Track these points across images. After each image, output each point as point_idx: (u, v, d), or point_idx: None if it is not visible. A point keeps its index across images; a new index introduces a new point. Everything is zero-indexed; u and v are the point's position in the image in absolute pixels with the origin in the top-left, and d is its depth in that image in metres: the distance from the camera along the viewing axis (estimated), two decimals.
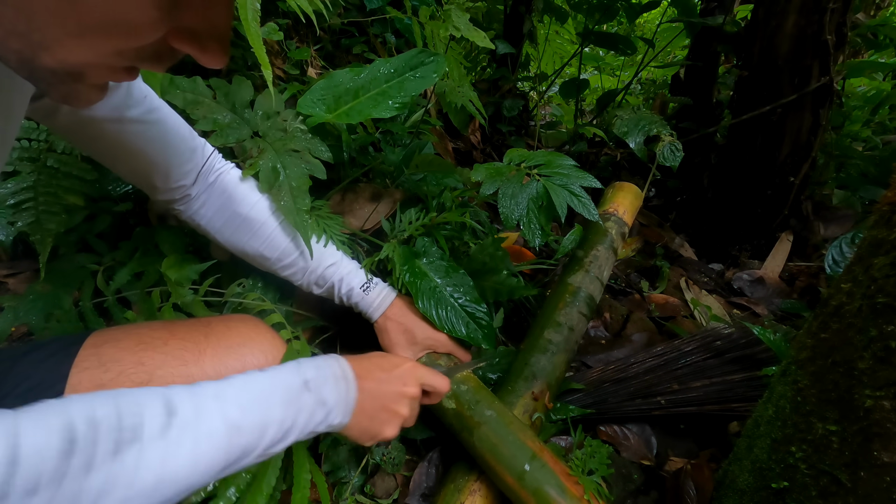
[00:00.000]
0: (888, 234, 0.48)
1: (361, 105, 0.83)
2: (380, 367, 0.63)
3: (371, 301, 0.79)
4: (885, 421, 0.47)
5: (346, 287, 0.78)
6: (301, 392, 0.53)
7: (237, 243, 0.74)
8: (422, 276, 0.82)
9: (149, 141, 0.60)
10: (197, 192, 0.71)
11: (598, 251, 1.07)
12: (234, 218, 0.72)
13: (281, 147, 0.77)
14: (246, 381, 0.50)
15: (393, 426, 0.62)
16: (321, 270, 0.77)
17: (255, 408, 0.48)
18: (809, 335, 0.58)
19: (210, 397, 0.46)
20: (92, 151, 0.61)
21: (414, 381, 0.64)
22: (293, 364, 0.56)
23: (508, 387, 0.83)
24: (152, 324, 0.62)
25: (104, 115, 0.54)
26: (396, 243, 0.86)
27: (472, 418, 0.73)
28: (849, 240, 1.20)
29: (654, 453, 0.89)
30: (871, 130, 1.99)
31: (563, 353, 0.89)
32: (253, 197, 0.73)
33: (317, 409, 0.54)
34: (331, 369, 0.57)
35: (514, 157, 0.90)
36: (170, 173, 0.66)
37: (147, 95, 0.58)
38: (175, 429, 0.41)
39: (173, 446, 0.41)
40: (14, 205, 0.76)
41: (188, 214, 0.72)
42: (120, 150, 0.59)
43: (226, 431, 0.45)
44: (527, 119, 2.33)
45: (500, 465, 0.68)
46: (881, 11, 2.71)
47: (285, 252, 0.75)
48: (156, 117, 0.60)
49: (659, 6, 2.00)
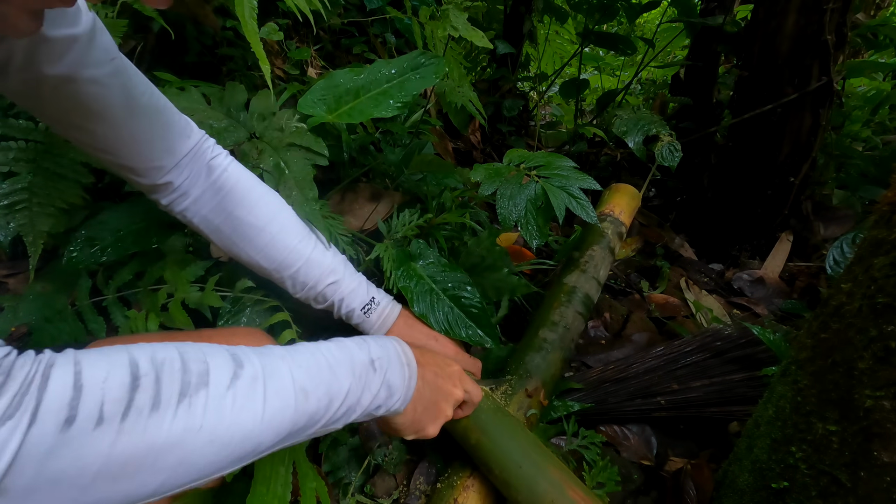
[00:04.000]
0: (888, 234, 0.48)
1: (362, 105, 0.83)
2: (435, 362, 0.62)
3: (372, 323, 0.76)
4: (885, 421, 0.47)
5: (347, 308, 0.75)
6: (368, 369, 0.51)
7: (232, 248, 0.70)
8: (417, 279, 0.81)
9: (111, 107, 0.54)
10: (182, 183, 0.66)
11: (594, 251, 1.08)
12: (231, 220, 0.68)
13: (279, 144, 0.77)
14: (314, 349, 0.49)
15: (437, 424, 0.60)
16: (321, 288, 0.73)
17: (323, 376, 0.47)
18: (809, 335, 0.58)
19: (277, 357, 0.45)
20: (50, 117, 0.56)
21: (461, 385, 0.63)
22: (359, 339, 0.54)
23: (503, 384, 0.83)
24: (150, 336, 0.61)
25: (58, 72, 0.48)
26: (390, 244, 0.86)
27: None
28: (850, 240, 1.20)
29: (654, 453, 0.89)
30: (871, 130, 1.99)
31: (559, 351, 0.89)
32: (252, 197, 0.68)
33: (381, 389, 0.52)
34: (395, 351, 0.56)
35: (513, 157, 0.89)
36: (140, 149, 0.60)
37: (114, 59, 0.52)
38: (244, 380, 0.40)
39: (242, 398, 0.39)
40: (8, 205, 0.75)
41: (178, 210, 0.67)
42: (76, 116, 0.54)
43: (294, 393, 0.43)
44: (527, 119, 2.33)
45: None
46: (881, 11, 2.70)
47: (283, 264, 0.70)
48: (120, 82, 0.54)
49: (659, 6, 2.00)
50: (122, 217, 0.80)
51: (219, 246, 0.71)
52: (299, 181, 0.74)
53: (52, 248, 0.84)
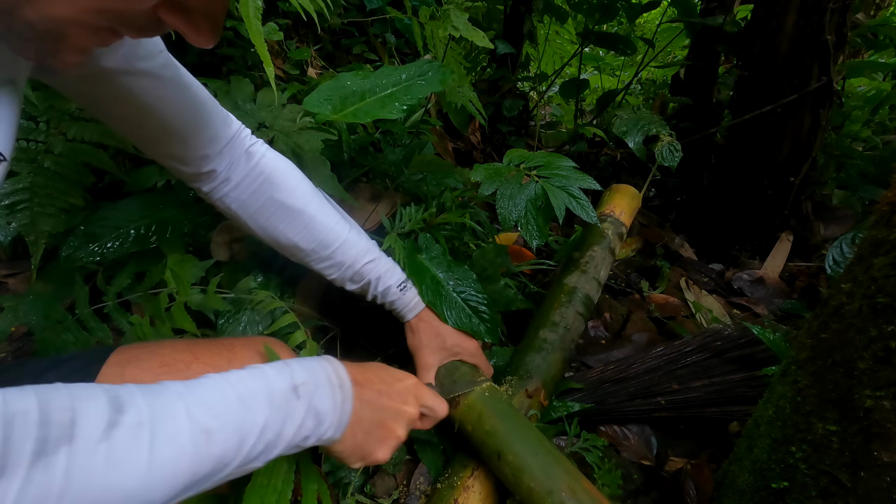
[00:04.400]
0: (888, 234, 0.48)
1: (368, 106, 0.84)
2: (380, 378, 0.57)
3: (408, 301, 0.77)
4: (885, 421, 0.47)
5: (384, 285, 0.76)
6: (289, 397, 0.46)
7: (271, 231, 0.71)
8: (424, 271, 0.82)
9: (163, 99, 0.56)
10: (224, 170, 0.68)
11: (595, 251, 1.08)
12: (270, 204, 0.69)
13: (291, 130, 0.78)
14: (221, 381, 0.44)
15: (387, 447, 0.56)
16: (358, 266, 0.74)
17: (231, 412, 0.42)
18: (809, 335, 0.58)
19: (173, 395, 0.40)
20: (103, 111, 0.57)
21: (414, 400, 0.59)
22: (280, 364, 0.50)
23: (503, 385, 0.84)
24: (176, 343, 0.60)
25: (113, 65, 0.50)
26: (396, 237, 0.86)
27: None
28: (850, 240, 1.20)
29: (654, 453, 0.89)
30: (871, 130, 1.99)
31: (559, 352, 0.89)
32: (290, 181, 0.70)
33: (307, 418, 0.47)
34: (324, 373, 0.51)
35: (513, 157, 0.90)
36: (188, 140, 0.62)
37: (162, 51, 0.54)
38: (123, 428, 0.35)
39: (119, 450, 0.34)
40: (9, 205, 0.76)
41: (219, 196, 0.69)
42: (131, 108, 0.55)
43: (192, 436, 0.38)
44: (527, 119, 2.33)
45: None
46: (881, 11, 2.71)
47: (322, 244, 0.71)
48: (171, 74, 0.56)
49: (659, 6, 2.00)
50: (122, 215, 0.81)
51: (254, 228, 0.72)
52: (314, 160, 0.77)
53: (52, 248, 0.84)
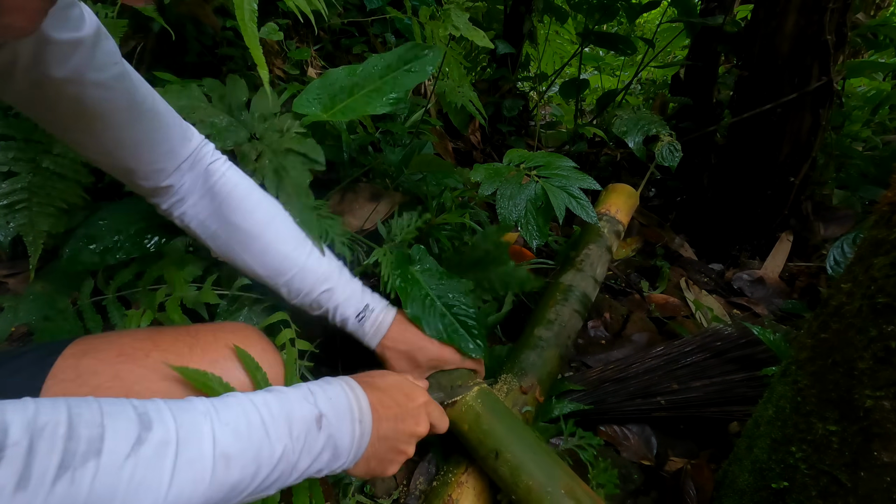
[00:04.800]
0: (888, 234, 0.48)
1: (356, 102, 0.82)
2: (395, 401, 0.57)
3: (367, 331, 0.75)
4: (885, 421, 0.47)
5: (341, 316, 0.74)
6: (311, 429, 0.45)
7: (229, 253, 0.70)
8: (414, 283, 0.80)
9: (114, 111, 0.54)
10: (182, 187, 0.66)
11: (591, 249, 1.09)
12: (227, 226, 0.67)
13: (278, 147, 0.77)
14: (247, 402, 0.43)
15: (396, 465, 0.57)
16: (315, 295, 0.72)
17: (254, 438, 0.40)
18: (809, 335, 0.58)
19: (200, 414, 0.39)
20: (52, 122, 0.55)
21: (426, 419, 0.60)
22: (304, 390, 0.49)
23: (499, 382, 0.84)
24: (136, 332, 0.59)
25: (63, 75, 0.48)
26: (388, 248, 0.86)
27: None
28: (850, 240, 1.20)
29: (654, 453, 0.89)
30: (871, 130, 1.99)
31: (554, 349, 0.89)
32: (248, 204, 0.68)
33: (324, 452, 0.46)
34: (347, 404, 0.50)
35: (513, 157, 0.90)
36: (142, 153, 0.60)
37: (116, 63, 0.53)
38: (149, 446, 0.34)
39: (144, 468, 0.33)
40: (8, 205, 0.75)
41: (177, 214, 0.68)
42: (82, 120, 0.54)
43: (213, 461, 0.37)
44: (527, 119, 2.33)
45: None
46: (881, 11, 2.70)
47: (277, 272, 0.70)
48: (124, 86, 0.54)
49: (659, 6, 2.00)
50: (122, 217, 0.80)
51: (216, 251, 0.71)
52: (297, 187, 0.74)
53: (51, 248, 0.84)
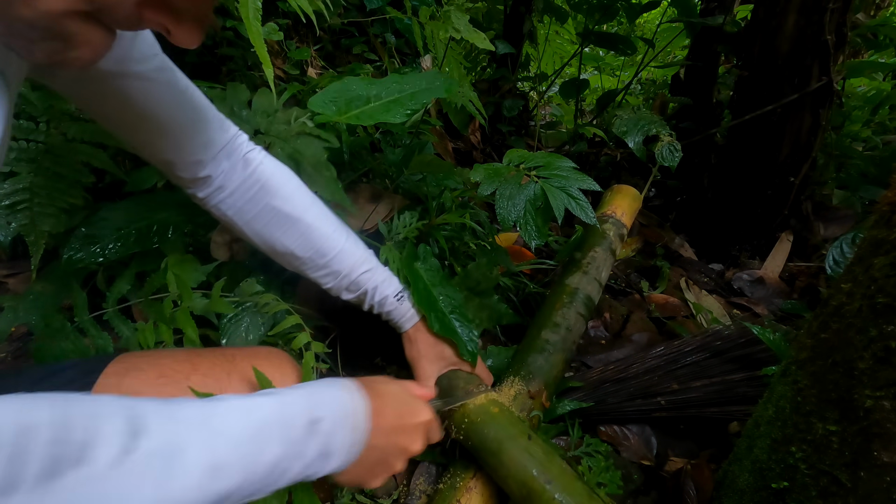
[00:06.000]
0: (888, 234, 0.48)
1: (373, 110, 0.85)
2: (396, 412, 0.55)
3: (405, 311, 0.76)
4: (885, 421, 0.47)
5: (380, 295, 0.74)
6: (306, 433, 0.43)
7: (268, 238, 0.70)
8: (418, 279, 0.82)
9: (157, 102, 0.56)
10: (220, 176, 0.67)
11: (596, 252, 1.08)
12: (267, 211, 0.68)
13: (288, 135, 0.78)
14: (239, 406, 0.41)
15: (382, 479, 0.55)
16: (355, 276, 0.73)
17: (246, 446, 0.39)
18: (809, 335, 0.58)
19: (193, 423, 0.37)
20: (97, 113, 0.58)
21: (422, 439, 0.58)
22: (305, 391, 0.47)
23: (505, 384, 0.83)
24: (176, 353, 0.60)
25: (107, 68, 0.50)
26: (391, 246, 0.86)
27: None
28: (850, 240, 1.20)
29: (654, 453, 0.89)
30: (871, 130, 1.99)
31: (561, 353, 0.89)
32: (288, 188, 0.69)
33: (317, 458, 0.44)
34: (346, 409, 0.48)
35: (513, 157, 0.89)
36: (182, 144, 0.61)
37: (157, 54, 0.54)
38: (138, 455, 0.32)
39: (129, 477, 0.31)
40: (10, 205, 0.75)
41: (214, 202, 0.68)
42: (126, 111, 0.55)
43: (201, 472, 0.35)
44: (527, 119, 2.33)
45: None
46: (881, 11, 2.70)
47: (319, 252, 0.70)
48: (165, 77, 0.56)
49: (659, 6, 2.00)
50: (123, 215, 0.80)
51: (251, 236, 0.71)
52: (316, 164, 0.76)
53: (52, 248, 0.84)
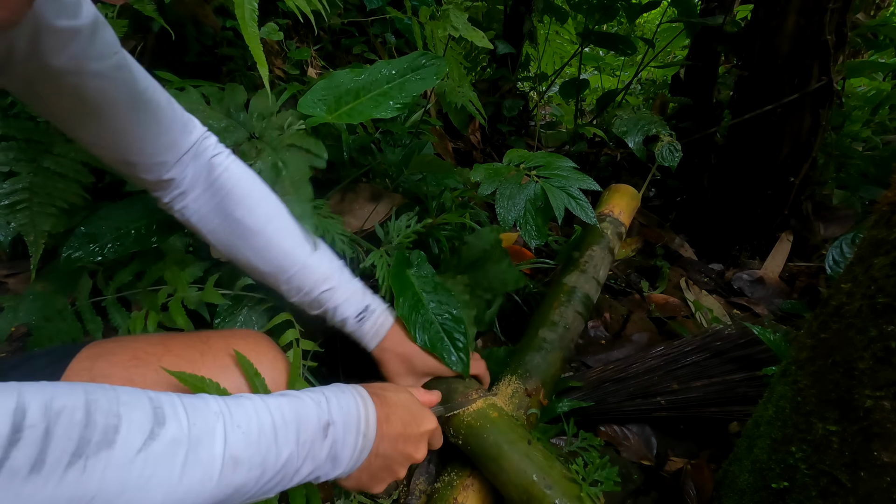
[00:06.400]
0: (888, 234, 0.48)
1: (362, 105, 0.82)
2: (403, 421, 0.56)
3: (366, 332, 0.74)
4: (885, 421, 0.47)
5: (340, 316, 0.73)
6: (318, 436, 0.45)
7: (230, 249, 0.68)
8: (407, 286, 0.80)
9: (115, 101, 0.54)
10: (184, 180, 0.65)
11: (594, 251, 1.08)
12: (229, 220, 0.66)
13: (279, 144, 0.77)
14: (261, 404, 0.43)
15: (384, 484, 0.56)
16: (316, 294, 0.71)
17: (263, 442, 0.40)
18: (809, 335, 0.58)
19: (213, 414, 0.39)
20: (53, 114, 0.55)
21: (425, 447, 0.59)
22: (318, 395, 0.49)
23: (502, 382, 0.84)
24: (150, 337, 0.60)
25: (61, 64, 0.48)
26: (384, 251, 0.86)
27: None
28: (849, 240, 1.20)
29: (654, 453, 0.89)
30: (871, 130, 1.99)
31: (559, 351, 0.89)
32: (251, 198, 0.67)
33: (326, 462, 0.46)
34: (356, 414, 0.50)
35: (513, 157, 0.89)
36: (142, 145, 0.59)
37: (116, 53, 0.52)
38: (161, 442, 0.34)
39: (154, 464, 0.33)
40: (9, 205, 0.75)
41: (178, 208, 0.66)
42: (82, 110, 0.53)
43: (222, 463, 0.37)
44: (527, 119, 2.33)
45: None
46: (881, 11, 2.70)
47: (279, 268, 0.69)
48: (123, 76, 0.53)
49: (659, 6, 2.00)
50: (123, 215, 0.80)
51: (216, 247, 0.70)
52: (295, 181, 0.73)
53: (52, 247, 0.84)
